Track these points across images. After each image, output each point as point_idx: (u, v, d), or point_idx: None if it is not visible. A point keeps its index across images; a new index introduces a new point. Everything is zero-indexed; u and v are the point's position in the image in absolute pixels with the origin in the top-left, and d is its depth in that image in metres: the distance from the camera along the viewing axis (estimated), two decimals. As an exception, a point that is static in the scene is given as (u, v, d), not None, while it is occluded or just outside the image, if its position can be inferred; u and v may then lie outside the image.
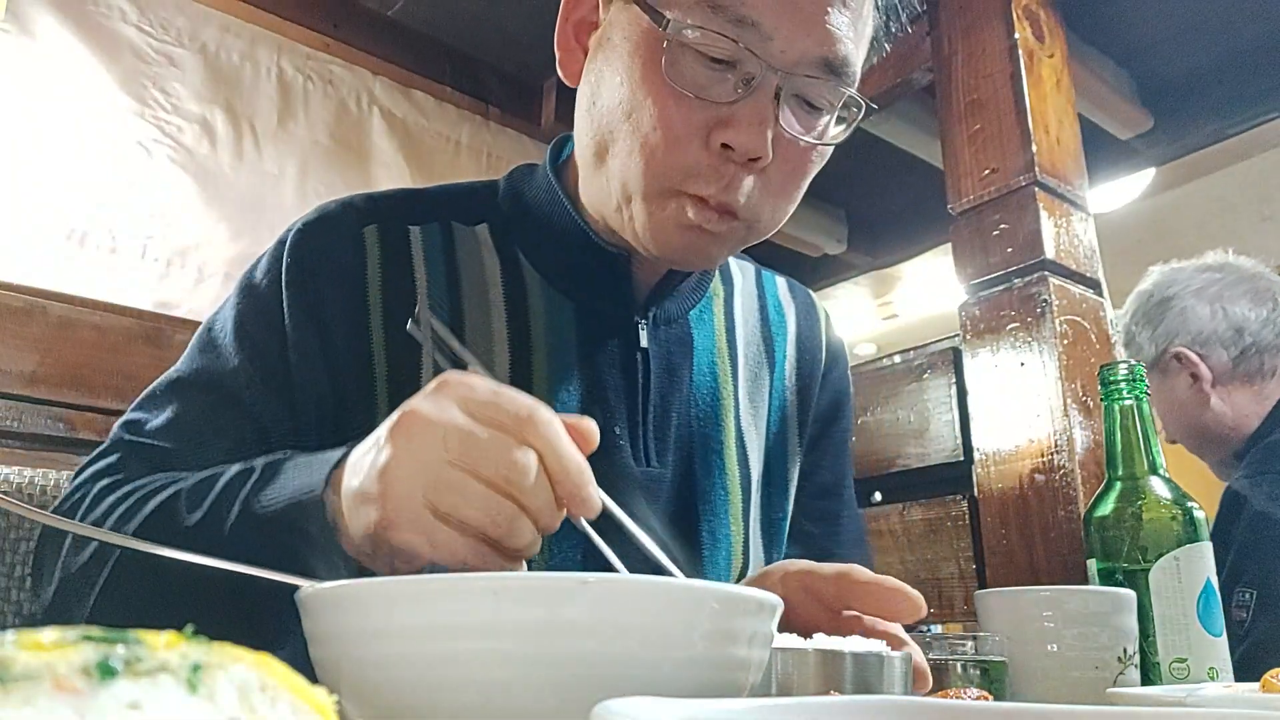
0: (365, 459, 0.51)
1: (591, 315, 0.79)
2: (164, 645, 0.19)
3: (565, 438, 0.48)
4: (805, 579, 0.64)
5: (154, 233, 1.79)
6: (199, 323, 1.83)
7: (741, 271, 0.95)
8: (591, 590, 0.35)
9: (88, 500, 0.65)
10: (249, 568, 0.45)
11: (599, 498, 0.50)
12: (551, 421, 0.48)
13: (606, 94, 0.71)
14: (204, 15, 1.96)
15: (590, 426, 0.51)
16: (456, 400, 0.48)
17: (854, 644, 0.53)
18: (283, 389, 0.71)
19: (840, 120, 0.73)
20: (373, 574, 0.53)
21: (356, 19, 2.13)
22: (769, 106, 0.66)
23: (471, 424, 0.47)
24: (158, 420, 0.70)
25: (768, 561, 0.86)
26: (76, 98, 1.75)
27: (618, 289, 0.79)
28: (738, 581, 0.82)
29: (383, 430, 0.50)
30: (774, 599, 0.41)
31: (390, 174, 2.16)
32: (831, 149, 0.74)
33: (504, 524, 0.47)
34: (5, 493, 0.86)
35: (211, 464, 0.64)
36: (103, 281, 1.70)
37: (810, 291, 1.01)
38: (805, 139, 0.70)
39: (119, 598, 0.59)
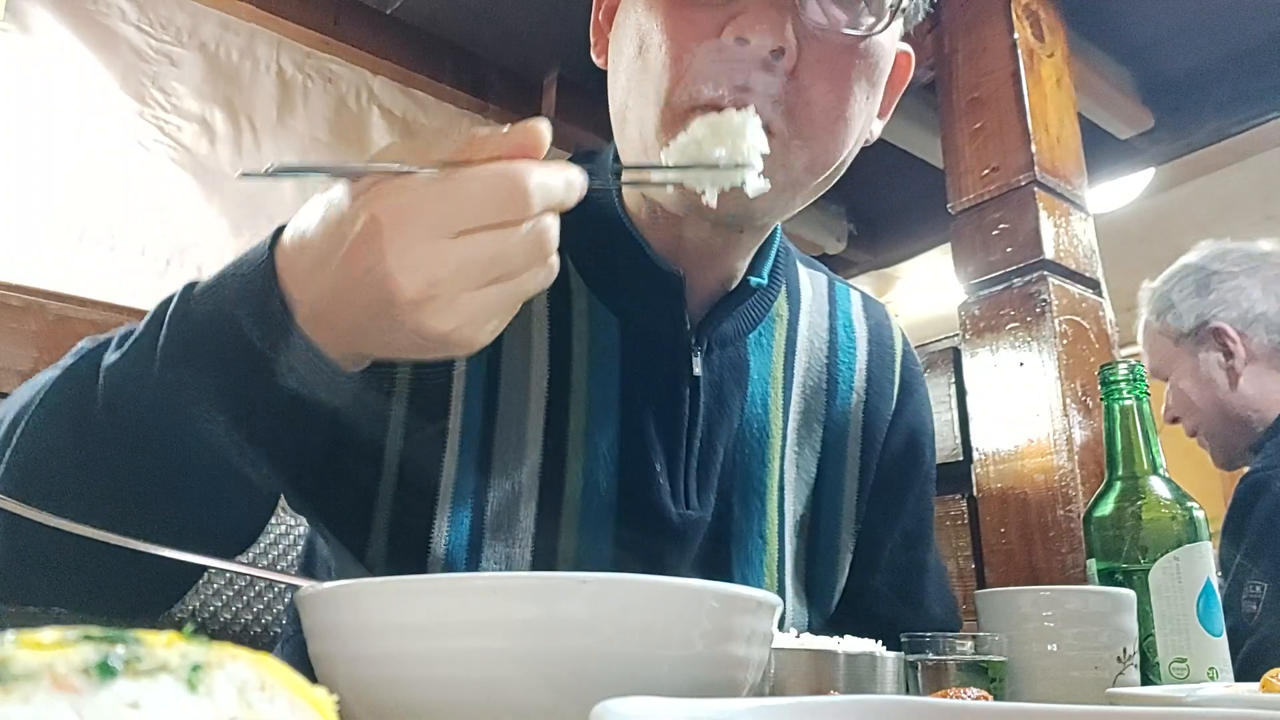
0: (342, 265, 0.46)
1: (640, 335, 0.71)
2: (163, 645, 0.19)
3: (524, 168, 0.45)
4: None
5: (153, 231, 1.79)
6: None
7: (813, 285, 0.84)
8: (590, 589, 0.35)
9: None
10: (244, 567, 0.44)
11: (578, 179, 0.48)
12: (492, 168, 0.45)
13: (622, 46, 0.67)
14: (203, 13, 1.95)
15: (528, 130, 0.46)
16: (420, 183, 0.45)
17: (847, 644, 0.53)
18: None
19: (859, 18, 0.64)
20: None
21: (356, 15, 2.13)
22: None
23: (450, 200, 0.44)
24: None
25: (809, 621, 0.78)
26: (76, 97, 1.75)
27: (670, 309, 0.71)
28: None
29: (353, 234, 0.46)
30: (773, 598, 0.41)
31: (390, 172, 2.16)
32: (889, 57, 0.66)
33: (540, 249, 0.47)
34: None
35: None
36: (102, 280, 1.70)
37: (887, 310, 0.89)
38: (840, 31, 0.62)
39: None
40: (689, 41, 0.61)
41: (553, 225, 0.47)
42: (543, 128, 0.46)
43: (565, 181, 0.47)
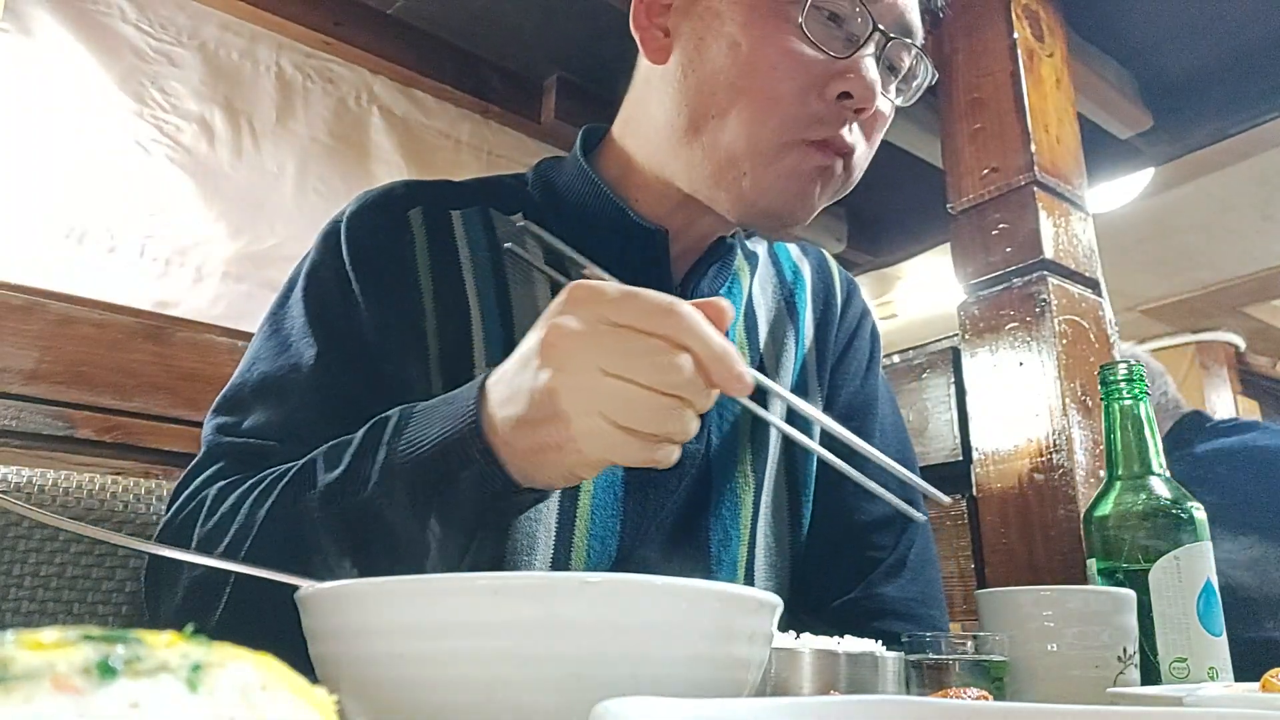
0: (519, 385, 0.52)
1: None
2: (164, 645, 0.19)
3: (708, 325, 0.51)
4: None
5: (153, 231, 1.79)
6: (199, 321, 1.83)
7: (757, 245, 0.98)
8: (592, 589, 0.35)
9: (207, 505, 0.64)
10: (251, 568, 0.45)
11: (750, 374, 0.53)
12: (692, 313, 0.50)
13: (714, 59, 0.74)
14: (203, 14, 1.95)
15: (722, 304, 0.53)
16: (595, 311, 0.50)
17: (847, 644, 0.53)
18: (366, 367, 0.72)
19: (899, 91, 0.82)
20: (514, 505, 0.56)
21: (356, 17, 2.13)
22: (874, 62, 0.75)
23: (620, 334, 0.49)
24: (254, 421, 0.70)
25: (790, 523, 0.86)
26: (75, 96, 1.75)
27: (657, 267, 0.81)
28: (748, 567, 0.82)
29: (529, 353, 0.52)
30: (773, 598, 0.41)
31: (390, 172, 2.15)
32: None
33: (675, 424, 0.50)
34: (4, 492, 0.86)
35: None
36: (101, 280, 1.70)
37: (822, 249, 1.05)
38: (890, 98, 0.79)
39: (243, 608, 0.59)
40: (805, 86, 0.73)
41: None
42: (727, 308, 0.54)
43: None
